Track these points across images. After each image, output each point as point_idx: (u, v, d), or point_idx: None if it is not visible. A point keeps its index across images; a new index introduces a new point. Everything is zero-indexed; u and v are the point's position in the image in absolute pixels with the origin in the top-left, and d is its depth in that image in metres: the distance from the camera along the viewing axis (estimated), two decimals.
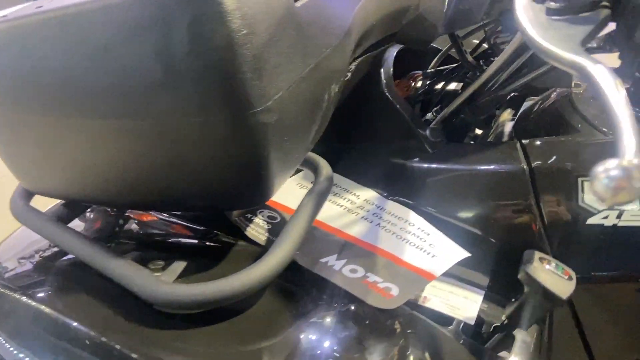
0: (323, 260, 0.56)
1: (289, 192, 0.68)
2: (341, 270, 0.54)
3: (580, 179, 0.59)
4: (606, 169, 0.29)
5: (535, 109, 0.73)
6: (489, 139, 0.78)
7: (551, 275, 0.53)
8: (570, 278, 0.54)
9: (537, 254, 0.56)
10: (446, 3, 0.65)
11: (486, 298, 0.63)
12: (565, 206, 0.59)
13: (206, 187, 0.48)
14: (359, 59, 0.76)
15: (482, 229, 0.64)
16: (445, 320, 0.60)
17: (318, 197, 0.54)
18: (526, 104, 0.79)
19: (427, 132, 0.68)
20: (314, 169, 0.60)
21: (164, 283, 0.45)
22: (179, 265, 0.50)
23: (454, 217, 0.65)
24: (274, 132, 0.46)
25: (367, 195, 0.67)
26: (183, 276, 0.50)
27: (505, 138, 0.74)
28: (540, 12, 0.39)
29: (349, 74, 0.75)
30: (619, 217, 0.58)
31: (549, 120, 0.69)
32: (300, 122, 0.51)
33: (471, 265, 0.64)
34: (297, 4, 0.49)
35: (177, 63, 0.41)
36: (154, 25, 0.41)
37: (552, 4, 0.39)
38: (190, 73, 0.41)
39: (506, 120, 0.82)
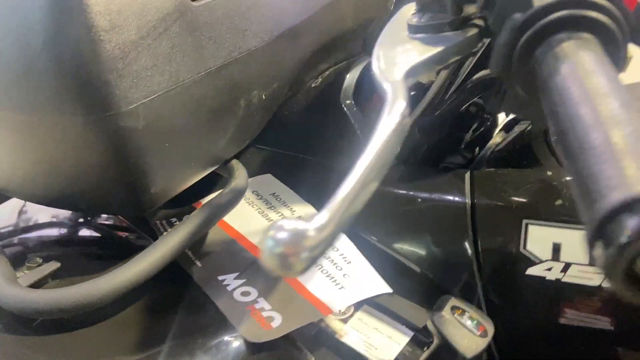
0: (221, 277, 0.52)
1: (241, 212, 0.64)
2: (232, 292, 0.50)
3: (525, 222, 0.51)
4: (278, 228, 0.24)
5: (511, 136, 0.64)
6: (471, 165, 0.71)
7: (459, 328, 0.46)
8: (484, 334, 0.46)
9: (452, 302, 0.49)
10: None
11: (414, 340, 0.56)
12: (505, 250, 0.52)
13: (82, 189, 0.46)
14: (334, 67, 0.72)
15: (417, 263, 0.57)
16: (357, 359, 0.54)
17: (216, 207, 0.51)
18: (515, 129, 0.71)
19: None
20: (229, 175, 0.56)
21: (13, 286, 0.43)
22: (50, 266, 0.48)
23: (390, 247, 0.59)
24: (144, 138, 0.43)
25: (303, 211, 0.63)
26: (58, 278, 0.48)
27: (484, 166, 0.67)
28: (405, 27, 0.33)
29: (319, 81, 0.71)
30: (563, 271, 0.49)
31: (518, 150, 0.60)
32: (193, 128, 0.48)
33: (415, 300, 0.57)
34: (195, 3, 0.46)
35: (34, 54, 0.40)
36: (15, 11, 0.40)
37: (414, 20, 0.33)
38: (47, 66, 0.40)
39: (492, 145, 0.74)
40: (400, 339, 0.56)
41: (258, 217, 0.62)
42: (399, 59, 0.31)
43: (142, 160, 0.43)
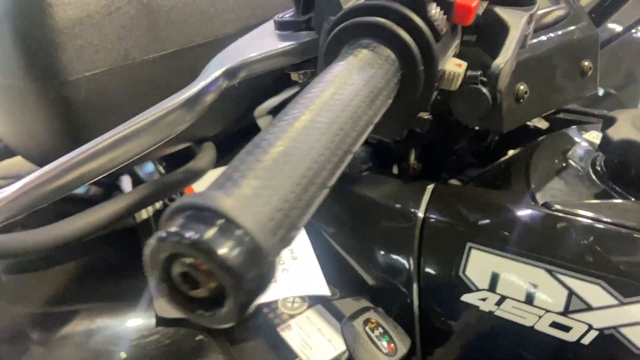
0: None
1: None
2: None
3: (469, 245, 0.47)
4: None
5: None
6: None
7: (365, 342, 0.44)
8: (391, 353, 0.44)
9: (369, 314, 0.46)
10: None
11: None
12: (445, 271, 0.48)
13: (41, 149, 0.50)
14: None
15: (364, 268, 0.55)
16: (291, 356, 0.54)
17: (163, 184, 0.53)
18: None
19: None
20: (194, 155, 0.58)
21: None
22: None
23: (346, 250, 0.57)
24: (87, 109, 0.46)
25: None
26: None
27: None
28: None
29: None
30: (498, 304, 0.45)
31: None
32: (145, 106, 0.50)
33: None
34: None
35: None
36: None
37: (280, 15, 0.32)
38: (5, 34, 0.44)
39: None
40: (338, 345, 0.54)
41: None
42: (241, 51, 0.30)
43: (84, 131, 0.46)
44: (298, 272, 0.54)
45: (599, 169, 0.49)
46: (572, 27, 0.53)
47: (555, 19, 0.52)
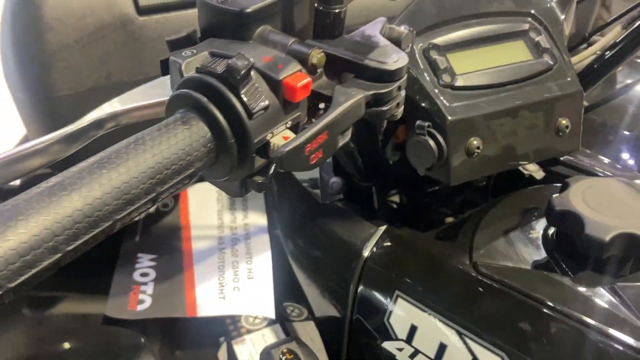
0: (140, 254, 0.60)
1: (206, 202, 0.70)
2: (135, 270, 0.57)
3: (397, 293, 0.47)
4: None
5: None
6: None
7: None
8: None
9: (290, 345, 0.48)
10: None
11: None
12: (374, 315, 0.49)
13: None
14: None
15: (311, 296, 0.57)
16: None
17: None
18: None
19: (330, 182, 0.62)
20: None
21: None
22: None
23: (301, 273, 0.60)
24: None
25: (251, 220, 0.66)
26: None
27: None
28: None
29: None
30: (411, 357, 0.45)
31: None
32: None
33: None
34: (141, 18, 0.53)
35: (3, 39, 0.51)
36: None
37: None
38: (6, 51, 0.51)
39: None
40: None
41: (213, 215, 0.67)
42: (125, 99, 0.34)
43: None
44: (250, 291, 0.57)
45: (549, 236, 0.47)
46: (551, 83, 0.50)
47: (534, 72, 0.50)
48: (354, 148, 0.54)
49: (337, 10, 0.33)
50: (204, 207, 0.68)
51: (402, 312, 0.46)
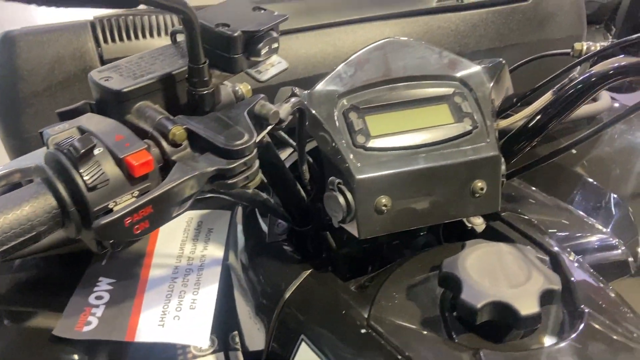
0: (102, 278, 0.66)
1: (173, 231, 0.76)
2: (92, 293, 0.64)
3: (302, 337, 0.51)
4: None
5: None
6: None
7: None
8: None
9: None
10: None
11: None
12: (282, 354, 0.52)
13: None
14: None
15: (244, 330, 0.62)
16: None
17: None
18: None
19: (277, 223, 0.66)
20: None
21: None
22: None
23: (240, 307, 0.64)
24: None
25: (209, 252, 0.71)
26: None
27: None
28: None
29: None
30: None
31: None
32: None
33: None
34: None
35: None
36: None
37: None
38: None
39: None
40: None
41: (176, 244, 0.73)
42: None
43: None
44: (189, 321, 0.62)
45: (445, 297, 0.49)
46: (468, 147, 0.53)
47: (451, 136, 0.53)
48: (275, 200, 0.58)
49: (204, 92, 0.38)
50: (171, 236, 0.74)
51: (303, 357, 0.50)
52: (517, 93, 0.61)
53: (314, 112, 0.52)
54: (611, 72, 0.52)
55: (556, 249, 0.55)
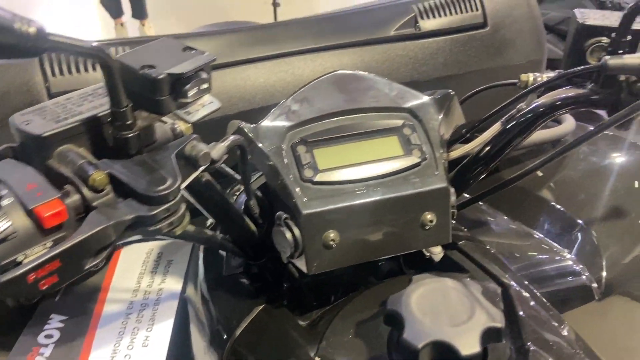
0: (53, 315, 0.64)
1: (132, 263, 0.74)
2: (42, 330, 0.62)
3: None
4: None
5: None
6: None
7: None
8: None
9: None
10: None
11: None
12: None
13: None
14: None
15: None
16: None
17: None
18: None
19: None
20: None
21: None
22: None
23: (195, 340, 0.63)
24: None
25: (167, 285, 0.70)
26: None
27: None
28: None
29: None
30: None
31: None
32: None
33: None
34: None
35: None
36: None
37: None
38: None
39: None
40: None
41: (133, 278, 0.71)
42: None
43: None
44: (131, 357, 0.60)
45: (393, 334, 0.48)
46: (416, 179, 0.52)
47: (400, 168, 0.52)
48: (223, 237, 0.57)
49: (128, 135, 0.37)
50: (129, 269, 0.72)
51: None
52: (470, 121, 0.61)
53: (260, 146, 0.51)
54: (557, 103, 0.52)
55: (510, 281, 0.54)
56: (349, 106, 0.55)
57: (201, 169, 0.39)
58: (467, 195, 0.67)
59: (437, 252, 0.63)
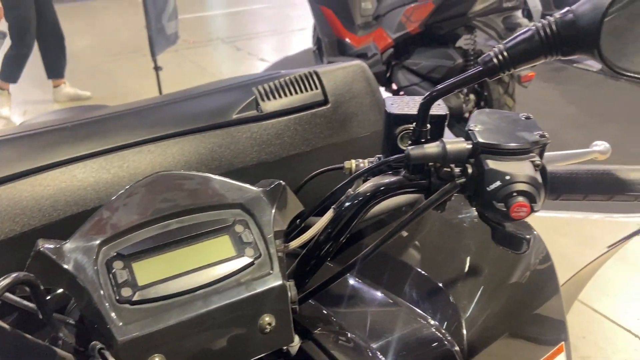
0: None
1: None
2: None
3: None
4: None
5: None
6: None
7: None
8: None
9: None
10: None
11: None
12: None
13: None
14: None
15: None
16: None
17: None
18: None
19: None
20: None
21: None
22: None
23: None
24: None
25: None
26: None
27: None
28: None
29: None
30: None
31: None
32: None
33: None
34: None
35: None
36: None
37: None
38: None
39: None
40: None
41: None
42: None
43: None
44: None
45: None
46: (251, 280, 0.49)
47: (232, 271, 0.49)
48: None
49: None
50: None
51: None
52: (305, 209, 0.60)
53: (66, 267, 0.46)
54: (380, 189, 0.53)
55: None
56: (173, 210, 0.51)
57: None
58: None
59: (295, 343, 0.60)
